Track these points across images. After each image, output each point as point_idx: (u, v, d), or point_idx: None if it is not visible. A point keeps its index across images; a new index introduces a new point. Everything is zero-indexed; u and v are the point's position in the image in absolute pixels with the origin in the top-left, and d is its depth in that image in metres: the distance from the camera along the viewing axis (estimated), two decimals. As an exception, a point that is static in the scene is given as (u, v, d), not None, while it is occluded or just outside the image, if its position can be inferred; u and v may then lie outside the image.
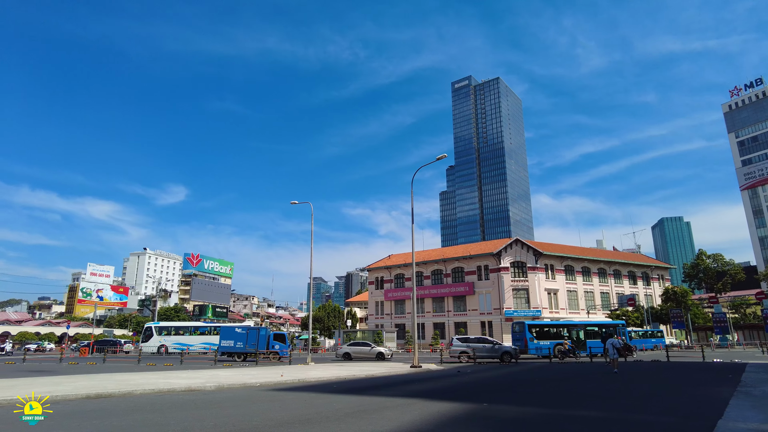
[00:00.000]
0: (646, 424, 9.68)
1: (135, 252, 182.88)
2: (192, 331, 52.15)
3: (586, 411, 11.44)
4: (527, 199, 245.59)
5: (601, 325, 45.96)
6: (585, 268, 77.35)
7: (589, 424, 9.63)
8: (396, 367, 28.03)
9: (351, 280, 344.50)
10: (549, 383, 19.05)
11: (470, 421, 9.93)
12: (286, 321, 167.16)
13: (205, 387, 16.21)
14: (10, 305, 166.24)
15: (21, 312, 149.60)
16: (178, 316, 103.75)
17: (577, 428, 9.14)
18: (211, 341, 49.97)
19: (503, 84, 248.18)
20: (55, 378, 19.27)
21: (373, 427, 8.77)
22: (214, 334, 51.20)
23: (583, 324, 45.02)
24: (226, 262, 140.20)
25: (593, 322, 46.44)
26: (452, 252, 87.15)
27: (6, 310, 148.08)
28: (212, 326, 54.10)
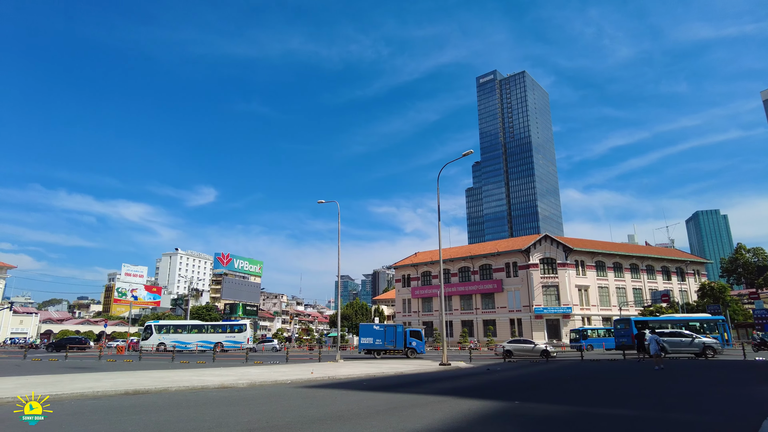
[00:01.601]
0: (684, 423, 9.41)
1: (167, 252, 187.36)
2: (189, 329, 53.22)
3: (621, 409, 11.19)
4: (556, 194, 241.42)
5: (702, 320, 45.46)
6: (616, 263, 75.61)
7: (624, 423, 9.41)
8: (425, 365, 28.00)
9: (378, 278, 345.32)
10: (583, 381, 18.71)
11: (502, 419, 9.84)
12: (314, 319, 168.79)
13: (237, 384, 16.50)
14: (51, 305, 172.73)
15: (62, 311, 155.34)
16: (209, 314, 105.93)
17: (612, 427, 8.95)
18: (208, 339, 51.19)
19: (529, 77, 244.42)
20: (96, 375, 19.95)
21: (405, 425, 8.78)
22: (210, 333, 52.40)
23: (684, 320, 44.72)
24: (256, 261, 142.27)
25: (694, 317, 46.15)
26: (479, 249, 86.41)
27: (48, 309, 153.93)
28: (208, 325, 55.34)
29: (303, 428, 8.49)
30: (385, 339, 40.61)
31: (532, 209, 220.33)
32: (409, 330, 43.00)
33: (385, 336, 40.73)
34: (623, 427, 8.93)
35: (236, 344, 50.55)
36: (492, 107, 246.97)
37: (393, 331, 41.04)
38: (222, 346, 50.16)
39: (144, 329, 53.95)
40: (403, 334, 41.20)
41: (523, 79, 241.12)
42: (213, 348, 49.31)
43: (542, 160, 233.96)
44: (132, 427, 8.49)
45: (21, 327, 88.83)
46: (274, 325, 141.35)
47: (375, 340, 40.87)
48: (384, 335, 40.71)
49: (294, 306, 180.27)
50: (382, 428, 8.47)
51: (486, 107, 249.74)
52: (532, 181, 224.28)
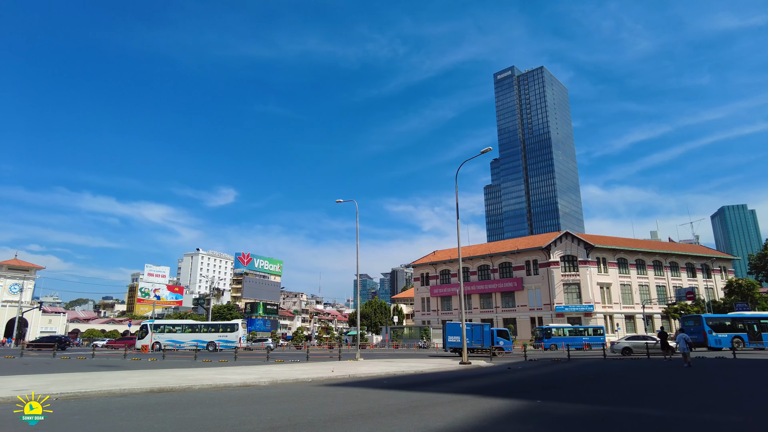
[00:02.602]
0: (713, 424, 9.19)
1: (188, 253, 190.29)
2: (183, 329, 54.14)
3: (647, 409, 10.98)
4: (576, 190, 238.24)
5: None
6: (639, 260, 74.30)
7: (650, 423, 9.24)
8: (445, 364, 27.89)
9: (396, 276, 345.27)
10: (607, 379, 18.42)
11: (524, 418, 9.74)
12: (333, 317, 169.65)
13: (259, 382, 16.66)
14: (78, 304, 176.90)
15: (88, 311, 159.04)
16: (230, 313, 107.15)
17: (637, 427, 8.79)
18: (201, 338, 51.91)
19: (547, 73, 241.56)
20: (122, 373, 20.36)
21: (426, 423, 8.76)
22: (203, 332, 53.27)
23: (757, 317, 44.17)
24: (275, 260, 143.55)
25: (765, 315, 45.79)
26: (499, 247, 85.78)
27: (75, 309, 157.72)
28: (202, 324, 56.35)
29: (325, 426, 8.53)
30: (473, 338, 41.01)
31: (552, 206, 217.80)
32: (496, 329, 43.43)
33: (473, 335, 41.12)
34: (650, 428, 8.76)
35: (228, 343, 51.35)
36: (510, 103, 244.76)
37: (480, 330, 41.55)
38: (215, 346, 51.07)
39: (140, 328, 55.18)
40: (490, 333, 41.70)
41: (541, 75, 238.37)
42: (206, 347, 50.61)
43: (562, 156, 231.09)
44: (158, 425, 8.64)
45: (50, 326, 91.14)
46: (294, 323, 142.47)
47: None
48: (471, 334, 41.03)
49: (313, 305, 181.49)
50: (404, 427, 8.46)
51: (504, 103, 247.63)
52: (551, 177, 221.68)
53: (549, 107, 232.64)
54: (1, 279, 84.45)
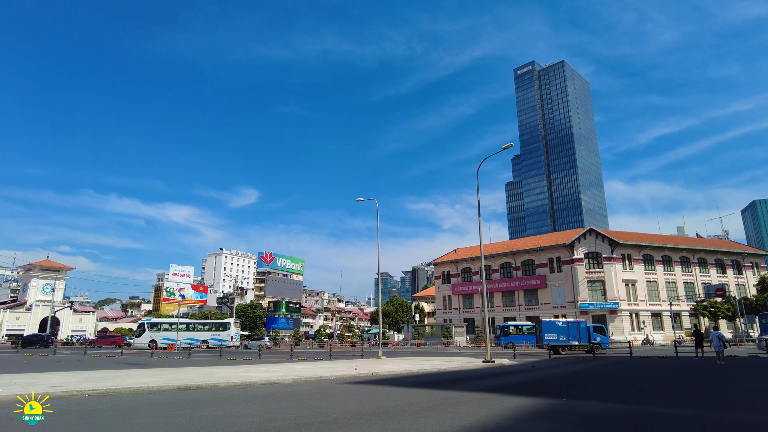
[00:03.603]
0: (747, 424, 8.94)
1: (212, 252, 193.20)
2: (178, 327, 55.17)
3: (678, 408, 10.74)
4: (600, 186, 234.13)
5: None
6: (666, 257, 72.64)
7: (680, 422, 9.03)
8: (468, 362, 27.73)
9: (417, 274, 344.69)
10: (635, 378, 18.07)
11: (551, 417, 9.63)
12: (355, 316, 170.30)
13: (283, 380, 16.83)
14: (107, 304, 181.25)
15: (116, 310, 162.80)
16: (253, 312, 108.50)
17: (666, 427, 8.60)
18: (194, 337, 53.12)
19: (569, 67, 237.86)
20: (149, 371, 20.80)
21: (451, 421, 8.72)
22: (197, 331, 54.49)
23: None
24: (297, 259, 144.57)
25: None
26: (521, 244, 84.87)
27: (104, 308, 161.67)
28: (196, 323, 57.64)
29: (350, 424, 8.57)
30: (569, 335, 41.26)
31: (575, 202, 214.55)
32: (592, 326, 43.30)
33: (569, 332, 41.36)
34: (679, 427, 8.56)
35: (220, 342, 52.19)
36: (531, 99, 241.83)
37: (576, 327, 41.65)
38: (207, 344, 51.95)
39: (137, 327, 56.72)
40: (587, 330, 41.66)
41: (562, 69, 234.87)
42: (198, 345, 51.83)
43: (585, 151, 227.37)
44: (187, 421, 8.80)
45: (80, 325, 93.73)
46: (316, 322, 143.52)
47: (559, 336, 41.47)
48: (568, 331, 41.31)
49: (335, 303, 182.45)
50: (428, 424, 8.44)
51: (525, 99, 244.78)
52: (574, 173, 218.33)
53: (571, 102, 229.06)
54: (34, 279, 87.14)
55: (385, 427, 8.22)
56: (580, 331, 41.22)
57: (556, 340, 40.94)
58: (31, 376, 17.07)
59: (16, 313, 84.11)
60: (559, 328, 41.88)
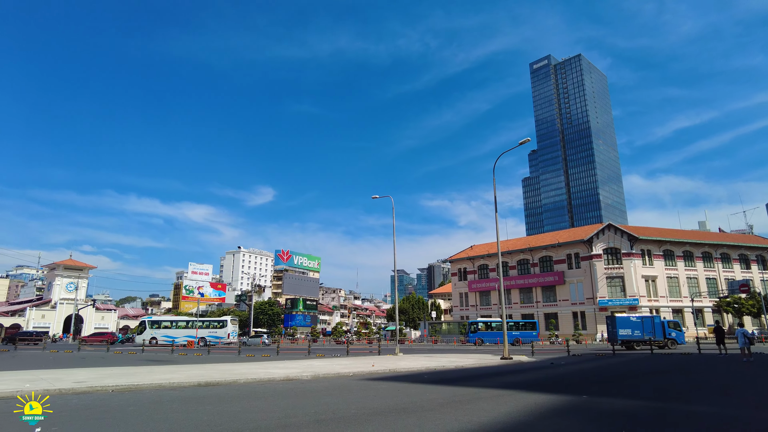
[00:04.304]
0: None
1: (230, 251, 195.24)
2: (177, 325, 56.76)
3: (701, 406, 10.57)
4: (618, 181, 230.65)
5: None
6: (687, 252, 71.27)
7: (704, 420, 8.88)
8: (485, 359, 27.63)
9: (433, 271, 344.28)
10: (656, 375, 17.81)
11: (571, 414, 9.54)
12: (371, 313, 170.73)
13: (301, 376, 16.97)
14: (127, 302, 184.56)
15: (136, 308, 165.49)
16: (271, 309, 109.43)
17: (691, 425, 8.46)
18: (193, 334, 54.30)
19: (585, 61, 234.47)
20: (170, 367, 21.15)
21: (470, 418, 8.70)
22: (195, 328, 55.62)
23: None
24: (314, 257, 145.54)
25: None
26: (539, 240, 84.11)
27: (125, 306, 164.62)
28: (194, 321, 59.21)
29: (369, 420, 8.60)
30: (644, 330, 41.01)
31: (594, 197, 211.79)
32: (667, 321, 43.03)
33: (643, 327, 41.11)
34: (703, 425, 8.42)
35: (217, 339, 52.99)
36: (547, 93, 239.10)
37: (651, 322, 41.46)
38: (205, 341, 52.88)
39: (139, 324, 58.20)
40: (662, 325, 41.43)
41: (579, 63, 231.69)
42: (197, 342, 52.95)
43: (602, 145, 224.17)
44: (207, 417, 8.93)
45: (102, 323, 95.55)
46: (333, 319, 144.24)
47: (633, 331, 41.26)
48: (642, 326, 41.04)
49: (351, 300, 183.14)
50: (447, 421, 8.44)
51: (541, 94, 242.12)
52: (592, 168, 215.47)
53: (588, 96, 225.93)
54: (58, 278, 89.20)
55: (404, 423, 8.24)
56: (654, 326, 40.68)
57: (630, 336, 40.44)
58: (57, 372, 17.49)
59: (42, 311, 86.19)
60: (633, 323, 41.40)
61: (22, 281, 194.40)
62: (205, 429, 7.70)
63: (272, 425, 8.06)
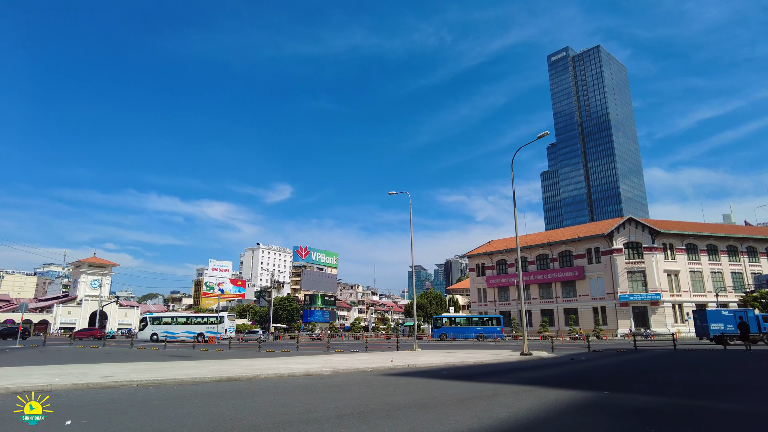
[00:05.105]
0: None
1: (249, 247, 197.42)
2: (177, 321, 58.07)
3: (727, 403, 10.36)
4: (639, 174, 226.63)
5: None
6: (711, 246, 69.78)
7: (729, 418, 8.70)
8: (505, 355, 27.47)
9: (450, 267, 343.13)
10: (680, 371, 17.49)
11: (592, 410, 9.44)
12: (389, 308, 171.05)
13: (321, 371, 17.09)
14: (150, 298, 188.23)
15: (158, 304, 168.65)
16: (290, 305, 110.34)
17: (716, 423, 8.30)
18: (191, 330, 55.26)
19: (604, 52, 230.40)
20: (192, 362, 21.49)
21: (490, 413, 8.67)
22: (194, 324, 56.73)
23: None
24: (331, 253, 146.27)
25: None
26: (558, 235, 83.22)
27: (147, 302, 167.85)
28: (193, 317, 60.45)
29: (389, 415, 8.63)
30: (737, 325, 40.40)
31: (614, 191, 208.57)
32: (761, 315, 42.36)
33: (736, 322, 39.96)
34: (728, 424, 8.25)
35: (214, 334, 53.95)
36: (566, 86, 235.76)
37: (744, 316, 40.72)
38: (203, 336, 53.91)
39: (140, 321, 59.60)
40: (756, 319, 40.81)
41: (597, 54, 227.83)
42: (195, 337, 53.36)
43: (622, 138, 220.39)
44: (230, 411, 9.06)
45: (126, 319, 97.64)
46: (351, 314, 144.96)
47: (726, 325, 40.64)
48: (735, 321, 40.15)
49: (369, 296, 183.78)
50: (467, 416, 8.42)
51: (559, 86, 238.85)
52: (612, 161, 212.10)
53: (607, 88, 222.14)
54: (83, 276, 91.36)
55: (424, 419, 8.25)
56: (748, 320, 39.38)
57: (722, 330, 39.59)
58: (84, 367, 17.93)
59: (68, 308, 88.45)
60: (726, 317, 40.60)
61: (49, 278, 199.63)
62: (227, 424, 7.82)
63: (294, 420, 8.14)
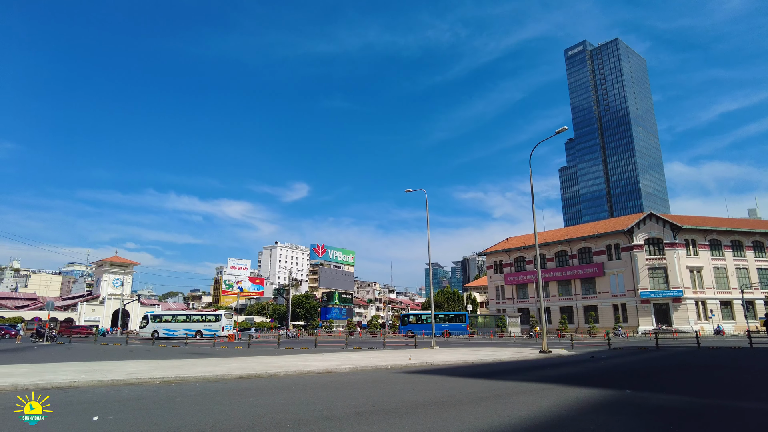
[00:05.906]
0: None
1: (267, 246, 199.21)
2: (177, 319, 58.76)
3: (751, 402, 10.15)
4: (659, 168, 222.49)
5: None
6: (735, 241, 68.18)
7: (757, 417, 8.53)
8: (524, 352, 27.28)
9: (467, 264, 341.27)
10: (703, 370, 17.17)
11: (614, 408, 9.34)
12: (406, 306, 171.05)
13: (340, 369, 17.20)
14: (170, 297, 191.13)
15: (178, 303, 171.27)
16: (308, 303, 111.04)
17: (741, 422, 8.15)
18: (190, 328, 56.00)
19: (623, 45, 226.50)
20: (212, 360, 21.81)
21: (510, 411, 8.64)
22: (193, 322, 57.42)
23: None
24: (348, 251, 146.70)
25: None
26: (577, 231, 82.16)
27: (167, 301, 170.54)
28: (192, 315, 61.47)
29: (408, 412, 8.67)
30: None
31: (634, 186, 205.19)
32: None
33: None
34: (756, 424, 8.09)
35: (213, 332, 54.36)
36: (583, 80, 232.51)
37: None
38: (201, 334, 54.48)
39: (142, 319, 60.77)
40: None
41: (616, 48, 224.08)
42: (194, 335, 54.68)
43: (642, 132, 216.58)
44: (251, 408, 9.19)
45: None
46: (368, 312, 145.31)
47: None
48: None
49: (386, 294, 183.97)
50: (486, 414, 8.41)
51: (577, 80, 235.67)
52: (632, 155, 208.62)
53: (626, 81, 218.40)
54: (105, 274, 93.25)
55: (443, 416, 8.26)
56: None
57: None
58: (108, 364, 18.35)
59: (92, 306, 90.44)
60: None
61: (73, 277, 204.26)
62: (249, 420, 7.93)
63: (314, 417, 8.22)
